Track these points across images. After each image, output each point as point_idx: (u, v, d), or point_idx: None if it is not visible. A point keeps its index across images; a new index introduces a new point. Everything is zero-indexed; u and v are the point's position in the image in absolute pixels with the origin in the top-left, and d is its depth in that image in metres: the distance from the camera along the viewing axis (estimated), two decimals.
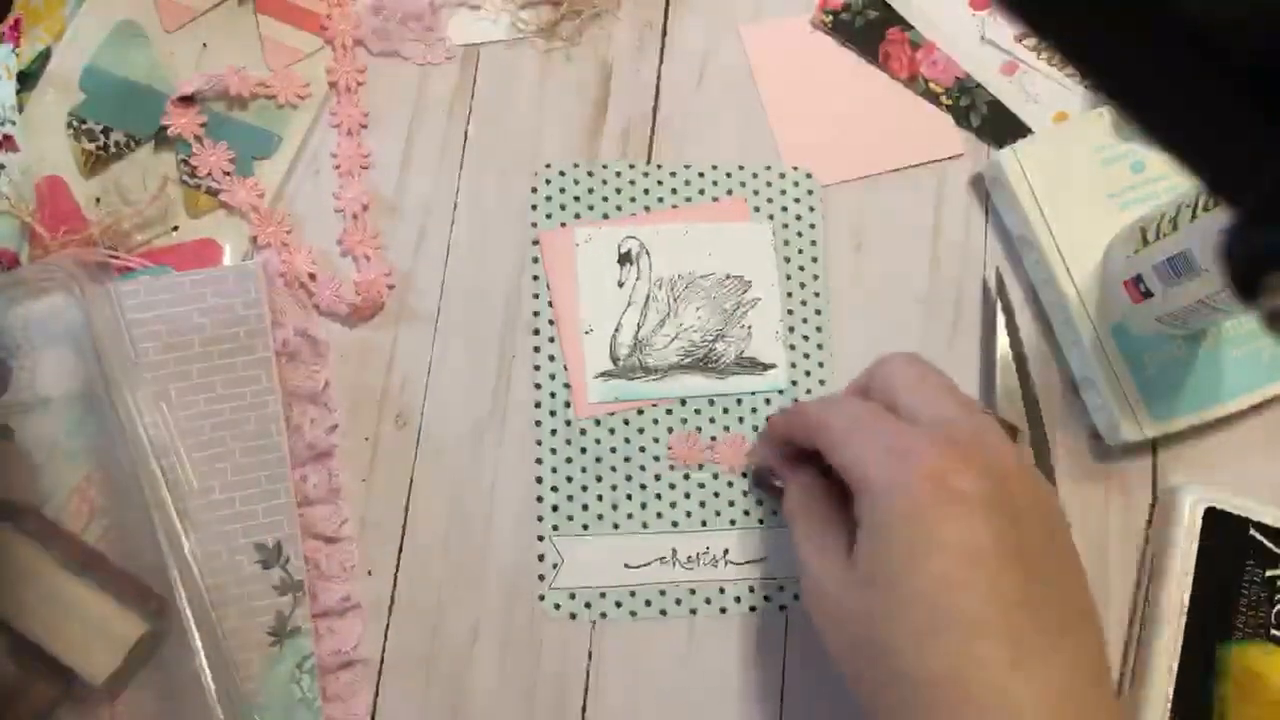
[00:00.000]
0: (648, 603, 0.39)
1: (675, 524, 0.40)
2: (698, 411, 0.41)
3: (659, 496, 0.40)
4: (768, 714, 0.39)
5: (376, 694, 0.38)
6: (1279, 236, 0.21)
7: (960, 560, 0.29)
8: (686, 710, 0.39)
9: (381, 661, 0.38)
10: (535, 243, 0.42)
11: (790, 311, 0.42)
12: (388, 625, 0.39)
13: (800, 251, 0.43)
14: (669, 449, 0.41)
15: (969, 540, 0.30)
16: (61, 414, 0.37)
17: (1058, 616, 0.30)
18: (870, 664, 0.31)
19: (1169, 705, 0.38)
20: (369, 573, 0.39)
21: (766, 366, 0.42)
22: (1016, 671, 0.28)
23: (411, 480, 0.40)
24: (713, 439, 0.41)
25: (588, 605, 0.39)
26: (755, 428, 0.41)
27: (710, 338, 0.42)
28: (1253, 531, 0.40)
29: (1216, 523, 0.39)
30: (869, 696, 0.31)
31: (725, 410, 0.41)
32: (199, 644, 0.35)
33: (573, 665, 0.39)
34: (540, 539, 0.39)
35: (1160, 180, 0.42)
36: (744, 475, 0.41)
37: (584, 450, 0.40)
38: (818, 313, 0.42)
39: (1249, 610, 0.39)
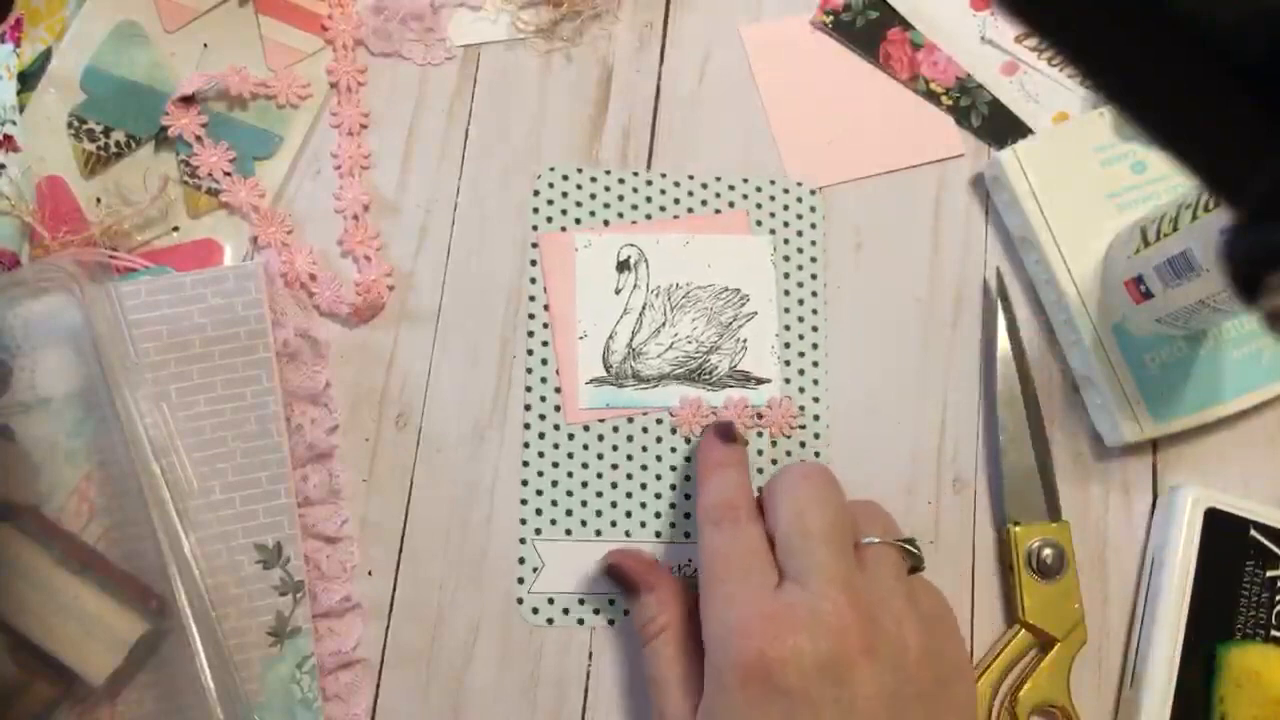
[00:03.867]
0: (626, 612, 0.39)
1: (659, 534, 0.40)
2: None
3: (644, 505, 0.40)
4: None
5: (376, 694, 0.38)
6: (1279, 236, 0.21)
7: None
8: None
9: (381, 661, 0.38)
10: (534, 245, 0.42)
11: (787, 327, 0.42)
12: (388, 625, 0.39)
13: (800, 268, 0.43)
14: (672, 416, 0.40)
15: None
16: (61, 414, 0.37)
17: None
18: None
19: (1169, 705, 0.38)
20: (369, 573, 0.39)
21: (760, 381, 0.41)
22: None
23: (411, 480, 0.40)
24: (713, 409, 0.41)
25: (566, 611, 0.39)
26: (746, 443, 0.41)
27: (705, 349, 0.41)
28: (1253, 532, 0.40)
29: (1216, 523, 0.39)
30: None
31: None
32: (199, 644, 0.35)
33: (573, 666, 0.39)
34: (522, 542, 0.39)
35: (1160, 180, 0.42)
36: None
37: (571, 455, 0.40)
38: (814, 329, 0.42)
39: (1249, 610, 0.39)
